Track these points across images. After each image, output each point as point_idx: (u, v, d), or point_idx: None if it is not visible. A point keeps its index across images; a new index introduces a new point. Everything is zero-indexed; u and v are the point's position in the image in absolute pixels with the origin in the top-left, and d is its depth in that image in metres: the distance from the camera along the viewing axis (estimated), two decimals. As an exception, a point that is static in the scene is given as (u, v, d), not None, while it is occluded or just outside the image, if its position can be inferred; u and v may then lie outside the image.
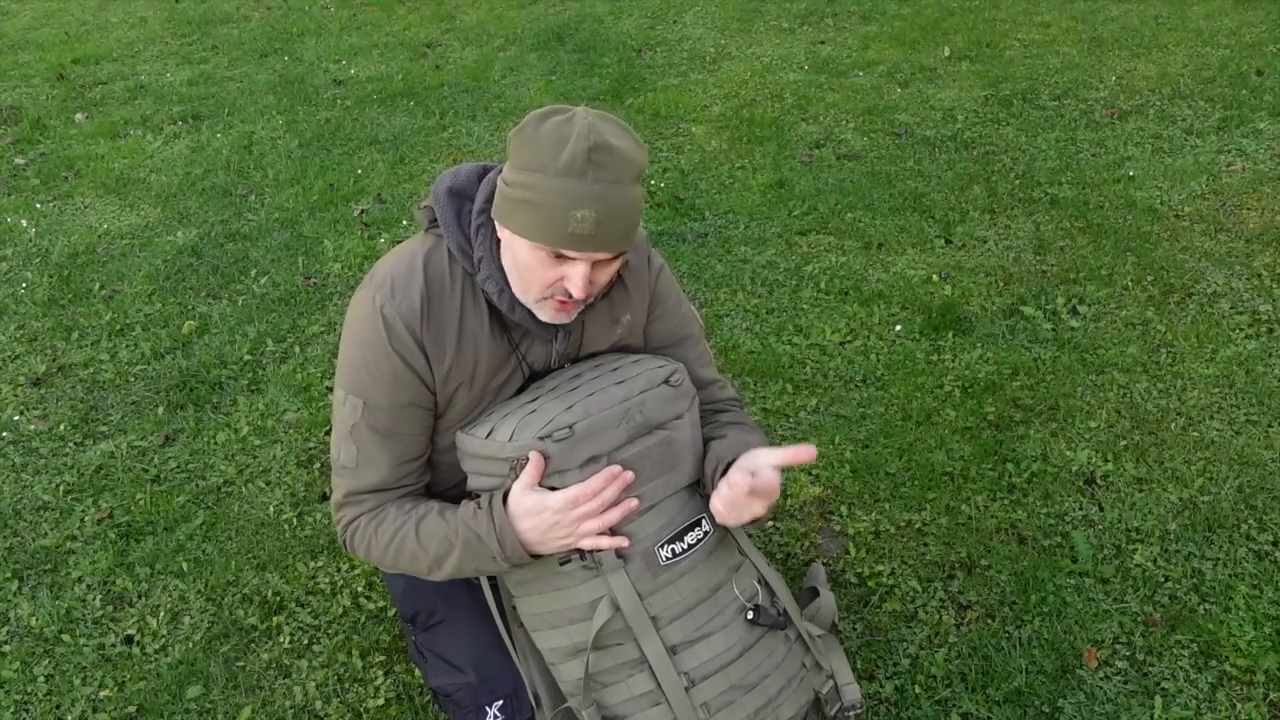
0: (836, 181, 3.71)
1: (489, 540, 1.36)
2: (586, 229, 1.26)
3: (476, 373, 1.45)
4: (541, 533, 1.35)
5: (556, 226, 1.26)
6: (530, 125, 1.30)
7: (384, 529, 1.45)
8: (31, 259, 3.51)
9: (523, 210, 1.29)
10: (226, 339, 2.99)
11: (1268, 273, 3.01)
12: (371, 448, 1.44)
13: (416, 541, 1.42)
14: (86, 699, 1.93)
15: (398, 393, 1.41)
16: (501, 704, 1.54)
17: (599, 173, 1.25)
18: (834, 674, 1.52)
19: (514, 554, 1.36)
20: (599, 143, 1.25)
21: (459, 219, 1.42)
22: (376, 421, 1.42)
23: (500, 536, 1.35)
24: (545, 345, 1.49)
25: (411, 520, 1.44)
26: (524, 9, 5.96)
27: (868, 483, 2.35)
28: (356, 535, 1.48)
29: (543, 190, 1.26)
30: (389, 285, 1.40)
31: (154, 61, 5.45)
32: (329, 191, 3.87)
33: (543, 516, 1.34)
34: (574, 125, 1.27)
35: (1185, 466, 2.34)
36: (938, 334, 2.84)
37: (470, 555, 1.39)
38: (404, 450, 1.46)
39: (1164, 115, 4.07)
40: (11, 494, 2.45)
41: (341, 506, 1.50)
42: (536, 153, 1.27)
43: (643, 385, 1.44)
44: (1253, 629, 1.94)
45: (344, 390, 1.44)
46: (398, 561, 1.45)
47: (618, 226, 1.28)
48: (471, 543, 1.38)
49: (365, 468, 1.45)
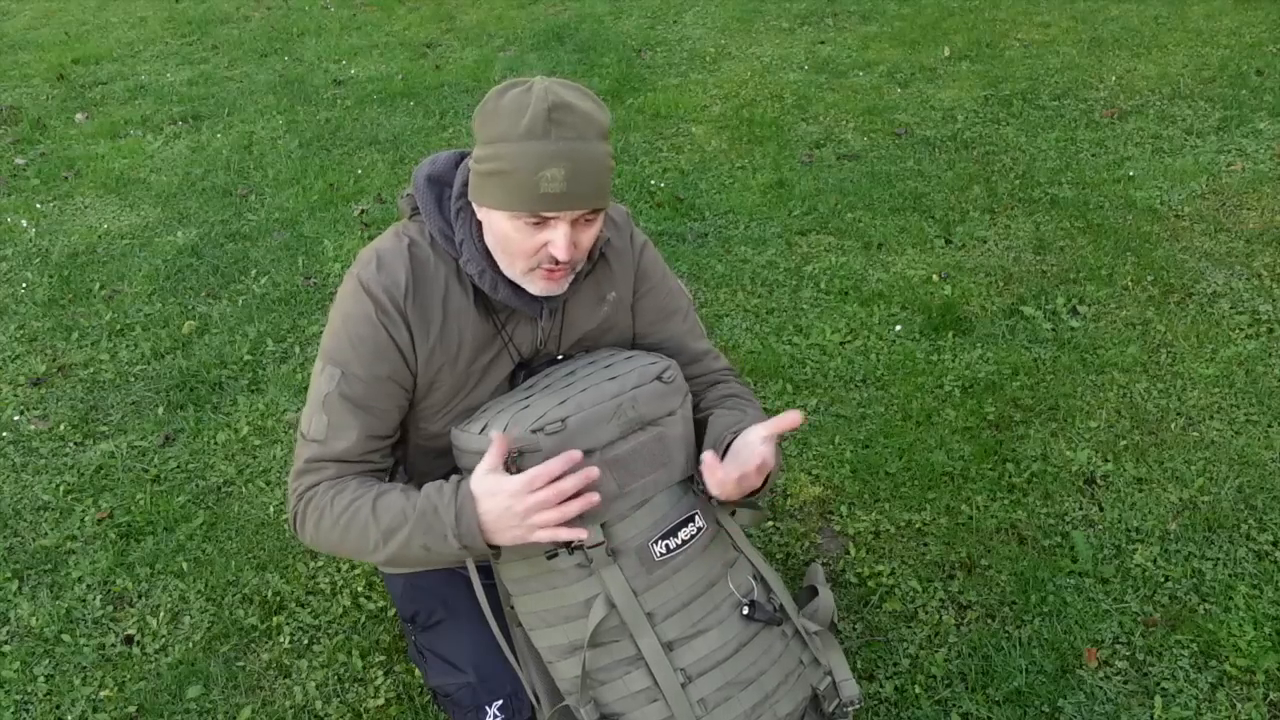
0: (836, 181, 3.71)
1: (445, 514, 1.31)
2: (557, 187, 1.29)
3: (460, 353, 1.46)
4: (496, 516, 1.29)
5: (528, 189, 1.29)
6: (491, 100, 1.33)
7: (340, 498, 1.40)
8: (31, 259, 3.51)
9: (494, 182, 1.32)
10: (226, 339, 2.99)
11: (1268, 273, 3.01)
12: (342, 417, 1.43)
13: (371, 513, 1.37)
14: (86, 699, 1.93)
15: (377, 364, 1.42)
16: (501, 704, 1.54)
17: (561, 130, 1.29)
18: (831, 670, 1.52)
19: (468, 533, 1.30)
20: (557, 102, 1.29)
21: (439, 205, 1.45)
22: (352, 391, 1.42)
23: (459, 512, 1.30)
24: (531, 324, 1.50)
25: (372, 493, 1.40)
26: (524, 9, 5.96)
27: (868, 483, 2.35)
28: (311, 504, 1.43)
29: (510, 157, 1.29)
30: (374, 263, 1.43)
31: (154, 61, 5.45)
32: (329, 191, 3.87)
33: (498, 499, 1.28)
34: (532, 92, 1.30)
35: (1185, 466, 2.34)
36: (938, 334, 2.84)
37: (422, 529, 1.33)
38: (375, 424, 1.45)
39: (1164, 115, 4.07)
40: (11, 494, 2.45)
41: (301, 475, 1.45)
42: (499, 124, 1.31)
43: (635, 381, 1.44)
44: (1253, 629, 1.94)
45: (323, 361, 1.45)
46: (346, 535, 1.39)
47: (588, 182, 1.31)
48: (427, 515, 1.33)
49: (333, 439, 1.43)
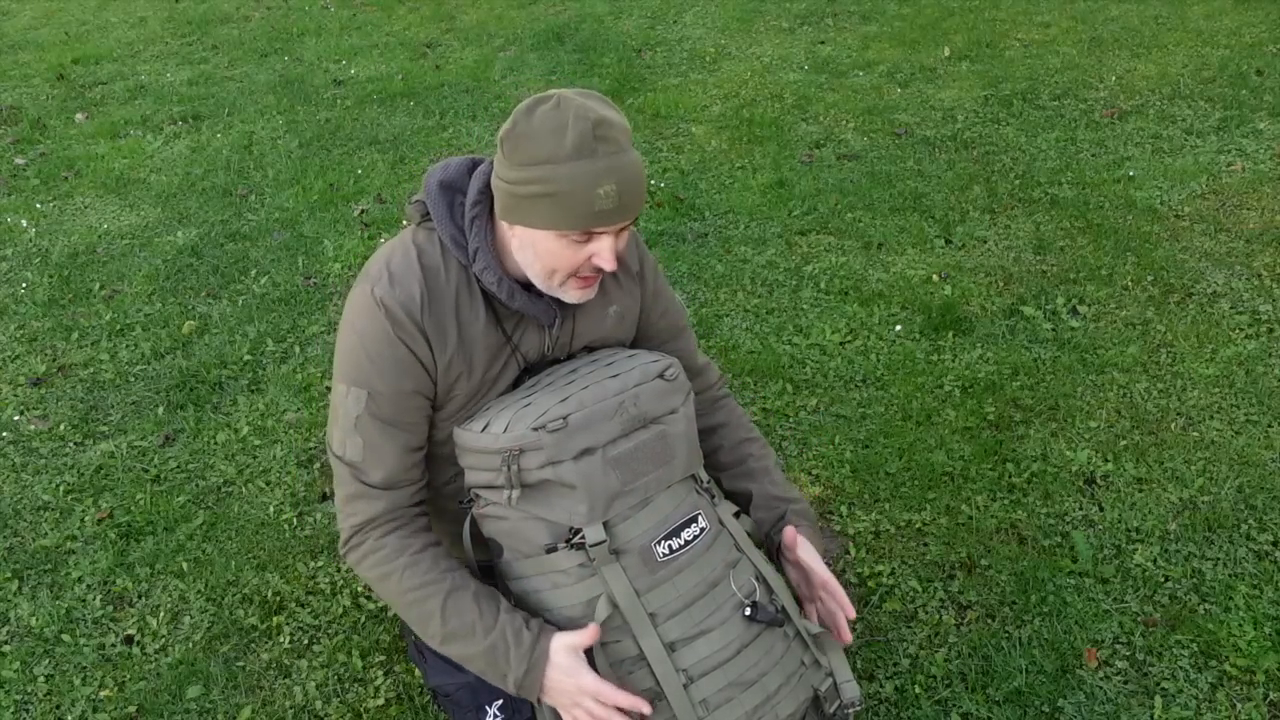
0: (836, 181, 3.71)
1: (516, 663, 1.36)
2: (611, 203, 1.30)
3: (474, 363, 1.46)
4: (557, 693, 1.36)
5: (583, 209, 1.30)
6: (520, 121, 1.32)
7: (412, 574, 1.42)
8: (31, 259, 3.51)
9: (542, 204, 1.32)
10: (226, 339, 2.99)
11: (1268, 273, 3.01)
12: (378, 438, 1.44)
13: (440, 610, 1.40)
14: (86, 699, 1.93)
15: (401, 380, 1.42)
16: (501, 703, 1.54)
17: (607, 147, 1.30)
18: (833, 671, 1.51)
19: (528, 688, 1.36)
20: (598, 119, 1.29)
21: (451, 212, 1.45)
22: (381, 411, 1.43)
23: (530, 668, 1.35)
24: (540, 333, 1.51)
25: (445, 584, 1.42)
26: (524, 9, 5.96)
27: (868, 483, 2.35)
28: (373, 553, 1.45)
29: (559, 179, 1.29)
30: (386, 277, 1.41)
31: (154, 61, 5.45)
32: (329, 191, 3.87)
33: (569, 683, 1.34)
34: (565, 109, 1.30)
35: (1185, 466, 2.34)
36: (938, 334, 2.84)
37: (488, 659, 1.38)
38: (409, 439, 1.46)
39: (1164, 115, 4.07)
40: (11, 494, 2.45)
41: (352, 501, 1.46)
42: (539, 145, 1.30)
43: (637, 379, 1.44)
44: (1253, 629, 1.94)
45: (345, 384, 1.44)
46: (408, 611, 1.44)
47: (635, 192, 1.34)
48: (498, 650, 1.37)
49: (372, 460, 1.45)
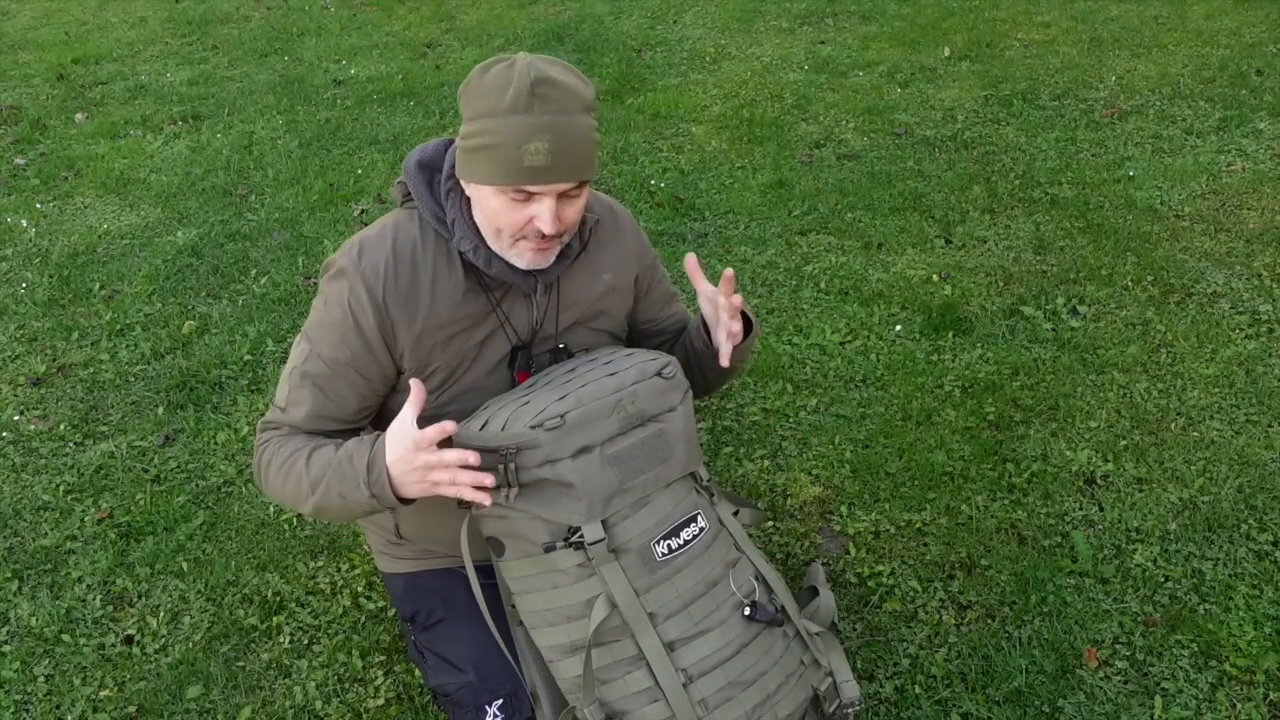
0: (836, 181, 3.71)
1: (359, 462, 1.37)
2: (541, 160, 1.32)
3: (453, 331, 1.49)
4: (403, 470, 1.33)
5: (512, 163, 1.33)
6: (475, 77, 1.36)
7: (285, 448, 1.48)
8: (31, 259, 3.51)
9: (480, 157, 1.35)
10: (226, 339, 2.99)
11: (1268, 273, 3.01)
12: (299, 393, 1.50)
13: (305, 463, 1.44)
14: (86, 699, 1.93)
15: (339, 349, 1.47)
16: (501, 703, 1.54)
17: (544, 105, 1.32)
18: (832, 671, 1.52)
19: (377, 481, 1.35)
20: (540, 77, 1.32)
21: (430, 189, 1.49)
22: (312, 369, 1.49)
23: (372, 460, 1.36)
24: (526, 302, 1.53)
25: (310, 445, 1.47)
26: (524, 9, 5.96)
27: (868, 483, 2.35)
28: (265, 454, 1.51)
29: (494, 131, 1.33)
30: (356, 249, 1.48)
31: (154, 61, 5.45)
32: (329, 191, 3.87)
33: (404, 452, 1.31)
34: (515, 68, 1.34)
35: (1185, 466, 2.34)
36: (938, 334, 2.84)
37: (339, 477, 1.39)
38: (327, 406, 1.50)
39: (1164, 115, 4.07)
40: (11, 494, 2.45)
41: (261, 430, 1.55)
42: (483, 99, 1.34)
43: (635, 377, 1.45)
44: (1253, 629, 1.94)
45: (302, 334, 1.52)
46: (285, 484, 1.47)
47: (572, 155, 1.34)
48: (344, 463, 1.39)
49: (291, 409, 1.51)
